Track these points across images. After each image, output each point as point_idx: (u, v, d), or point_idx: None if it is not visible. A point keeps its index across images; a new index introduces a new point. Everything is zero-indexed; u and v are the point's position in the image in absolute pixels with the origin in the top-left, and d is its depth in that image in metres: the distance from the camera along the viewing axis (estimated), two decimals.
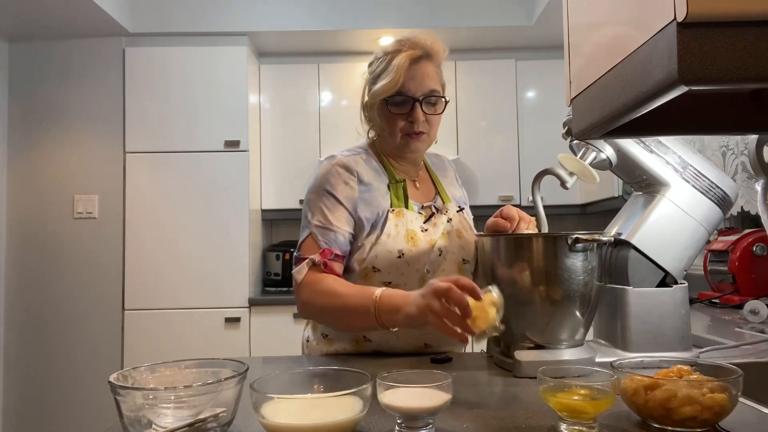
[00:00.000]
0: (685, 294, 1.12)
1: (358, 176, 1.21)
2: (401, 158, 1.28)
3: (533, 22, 3.22)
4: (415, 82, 1.19)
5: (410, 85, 1.19)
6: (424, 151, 1.31)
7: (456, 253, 1.24)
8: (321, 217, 1.19)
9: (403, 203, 1.23)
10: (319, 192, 1.21)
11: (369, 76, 1.26)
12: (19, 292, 3.13)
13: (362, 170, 1.23)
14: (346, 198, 1.20)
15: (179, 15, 3.22)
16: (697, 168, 1.16)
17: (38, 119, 3.18)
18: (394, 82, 1.18)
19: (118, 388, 0.67)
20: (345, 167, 1.22)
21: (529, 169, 3.43)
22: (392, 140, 1.24)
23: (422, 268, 1.19)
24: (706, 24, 0.51)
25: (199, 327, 3.09)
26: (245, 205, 3.18)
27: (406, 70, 1.18)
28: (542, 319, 1.00)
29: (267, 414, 0.66)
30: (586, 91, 0.78)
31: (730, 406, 0.68)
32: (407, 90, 1.19)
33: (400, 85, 1.18)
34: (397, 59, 1.18)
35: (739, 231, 1.89)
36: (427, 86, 1.20)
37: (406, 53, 1.19)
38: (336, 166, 1.22)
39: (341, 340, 1.24)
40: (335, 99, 3.49)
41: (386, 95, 1.19)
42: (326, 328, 1.26)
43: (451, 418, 0.76)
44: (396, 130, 1.22)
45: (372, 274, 1.19)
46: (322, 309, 1.15)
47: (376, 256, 1.17)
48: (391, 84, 1.18)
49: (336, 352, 1.24)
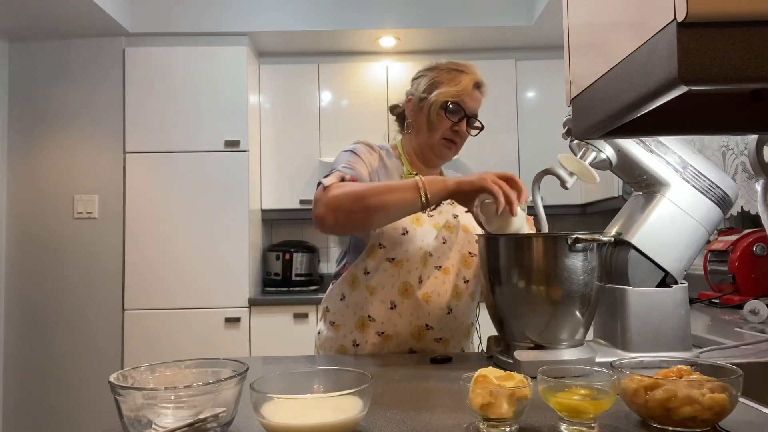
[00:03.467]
0: (685, 294, 1.12)
1: (379, 154, 1.37)
2: (426, 160, 1.39)
3: (533, 22, 3.22)
4: (472, 102, 1.36)
5: (468, 102, 1.35)
6: (447, 161, 1.43)
7: (461, 245, 1.32)
8: (345, 164, 1.29)
9: None
10: (345, 152, 1.35)
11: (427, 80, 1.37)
12: (19, 292, 3.13)
13: (383, 155, 1.38)
14: (368, 162, 1.33)
15: (179, 15, 3.22)
16: (697, 168, 1.16)
17: (38, 119, 3.18)
18: (460, 92, 1.33)
19: (118, 388, 0.67)
20: (369, 145, 1.38)
21: (529, 169, 3.42)
22: (429, 139, 1.35)
23: (426, 246, 1.27)
24: (706, 24, 0.51)
25: (199, 327, 3.09)
26: (245, 205, 3.18)
27: (470, 89, 1.35)
28: (542, 319, 1.00)
29: (267, 414, 0.66)
30: (586, 91, 0.78)
31: (730, 406, 0.68)
32: (465, 104, 1.34)
33: (462, 97, 1.34)
34: (465, 78, 1.35)
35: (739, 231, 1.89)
36: (476, 110, 1.37)
37: (471, 77, 1.35)
38: (361, 143, 1.38)
39: (347, 325, 1.31)
40: (335, 99, 3.49)
41: (449, 99, 1.33)
42: (334, 315, 1.34)
43: (449, 416, 0.76)
44: (439, 132, 1.34)
45: (377, 251, 1.28)
46: (355, 195, 1.13)
47: (381, 232, 1.27)
48: (457, 92, 1.33)
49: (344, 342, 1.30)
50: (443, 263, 1.29)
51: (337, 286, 1.34)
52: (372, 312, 1.27)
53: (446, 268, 1.29)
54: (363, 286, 1.29)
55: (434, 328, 1.27)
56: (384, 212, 1.13)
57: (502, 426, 0.69)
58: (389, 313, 1.26)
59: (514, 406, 0.68)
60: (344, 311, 1.32)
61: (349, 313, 1.31)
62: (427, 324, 1.27)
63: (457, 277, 1.30)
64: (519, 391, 0.68)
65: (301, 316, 3.07)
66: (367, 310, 1.28)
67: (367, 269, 1.29)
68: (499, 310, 1.06)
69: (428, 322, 1.27)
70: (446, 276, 1.29)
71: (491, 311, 1.09)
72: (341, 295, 1.33)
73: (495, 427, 0.69)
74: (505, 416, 0.68)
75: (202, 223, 3.16)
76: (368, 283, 1.28)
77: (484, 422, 0.70)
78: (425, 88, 1.36)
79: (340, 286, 1.33)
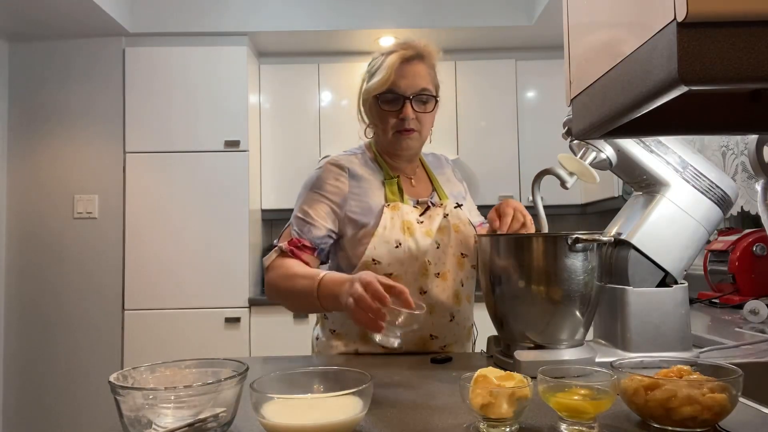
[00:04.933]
0: (685, 294, 1.12)
1: (349, 172, 1.27)
2: (396, 156, 1.31)
3: (533, 22, 3.22)
4: (406, 80, 1.23)
5: (401, 84, 1.23)
6: (418, 149, 1.33)
7: (454, 247, 1.27)
8: (301, 211, 1.26)
9: (399, 198, 1.27)
10: (306, 187, 1.29)
11: (366, 75, 1.31)
12: (19, 292, 3.13)
13: (356, 167, 1.28)
14: (333, 194, 1.25)
15: (179, 15, 3.22)
16: (697, 168, 1.16)
17: (38, 119, 3.17)
18: (385, 80, 1.22)
19: (118, 388, 0.67)
20: (337, 165, 1.28)
21: (529, 169, 3.43)
22: (384, 137, 1.28)
23: (422, 257, 1.22)
24: (706, 24, 0.51)
25: (199, 327, 3.09)
26: (245, 205, 3.18)
27: (397, 69, 1.23)
28: (542, 319, 1.00)
29: (267, 414, 0.66)
30: (586, 91, 0.78)
31: (730, 406, 0.68)
32: (397, 88, 1.23)
33: (391, 82, 1.23)
34: (390, 58, 1.23)
35: (739, 231, 1.89)
36: (418, 85, 1.24)
37: (398, 53, 1.24)
38: (328, 164, 1.29)
39: (349, 335, 1.26)
40: (335, 99, 3.49)
41: (377, 92, 1.24)
42: (334, 324, 1.29)
43: (449, 416, 0.76)
44: (387, 127, 1.26)
45: (373, 267, 1.20)
46: (279, 292, 1.21)
47: (374, 247, 1.21)
48: (382, 81, 1.23)
49: (345, 350, 1.25)
50: (441, 269, 1.24)
51: None
52: None
53: (444, 274, 1.24)
54: None
55: (438, 337, 1.23)
56: (305, 311, 1.22)
57: (502, 426, 0.69)
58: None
59: (514, 406, 0.68)
60: (344, 322, 1.26)
61: (350, 323, 1.25)
62: (432, 334, 1.23)
63: (455, 281, 1.26)
64: (519, 391, 0.69)
65: (301, 316, 3.07)
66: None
67: None
68: (499, 310, 1.06)
69: (432, 332, 1.23)
70: (445, 282, 1.24)
71: (491, 311, 1.09)
72: None
73: (495, 427, 0.69)
74: (505, 416, 0.68)
75: (202, 223, 3.16)
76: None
77: (484, 422, 0.70)
78: (361, 85, 1.30)
79: None
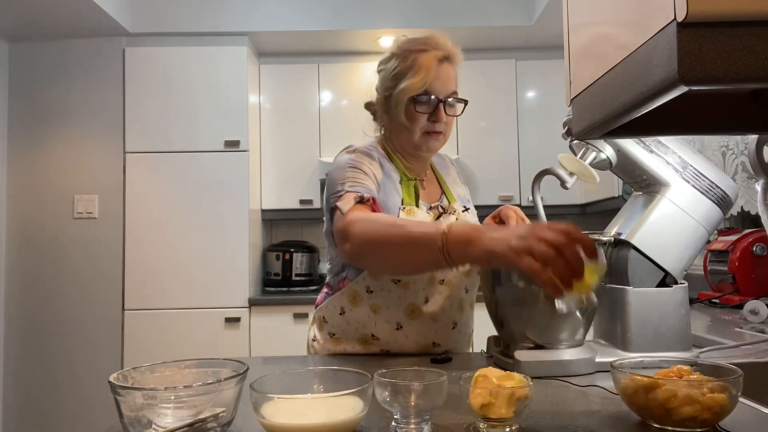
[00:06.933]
0: (685, 294, 1.12)
1: (379, 162, 1.23)
2: (413, 156, 1.28)
3: (533, 22, 3.22)
4: (441, 82, 1.21)
5: (436, 86, 1.20)
6: (438, 150, 1.31)
7: None
8: (350, 181, 1.14)
9: (414, 202, 1.25)
10: (342, 168, 1.18)
11: (387, 73, 1.25)
12: (18, 292, 3.13)
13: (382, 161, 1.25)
14: (372, 175, 1.18)
15: (179, 15, 3.22)
16: (697, 168, 1.16)
17: (38, 119, 3.17)
18: (423, 82, 1.18)
19: (118, 388, 0.67)
20: (366, 154, 1.23)
21: (529, 169, 3.43)
22: (410, 138, 1.24)
23: None
24: (706, 24, 0.51)
25: (199, 327, 3.09)
26: (245, 205, 3.18)
27: (435, 68, 1.19)
28: (542, 319, 1.00)
29: (267, 414, 0.66)
30: (586, 91, 0.78)
31: (730, 406, 0.68)
32: (434, 90, 1.20)
33: (428, 84, 1.19)
34: (424, 59, 1.19)
35: (739, 231, 1.89)
36: (450, 88, 1.23)
37: (433, 54, 1.20)
38: (357, 152, 1.22)
39: (349, 340, 1.24)
40: (335, 99, 3.49)
41: (413, 93, 1.20)
42: (333, 327, 1.26)
43: (449, 416, 0.76)
44: (417, 127, 1.22)
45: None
46: (383, 240, 1.01)
47: None
48: (420, 83, 1.18)
49: (344, 352, 1.24)
50: (445, 276, 1.21)
51: (336, 299, 1.25)
52: (376, 331, 1.21)
53: (449, 281, 1.21)
54: (366, 304, 1.21)
55: (441, 344, 1.22)
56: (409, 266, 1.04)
57: (502, 426, 0.69)
58: (395, 334, 1.20)
59: (514, 406, 0.68)
60: (345, 326, 1.24)
61: (350, 328, 1.24)
62: (434, 342, 1.22)
63: (458, 288, 1.23)
64: (519, 391, 0.68)
65: (301, 316, 3.07)
66: (371, 329, 1.21)
67: (370, 288, 1.20)
68: (499, 310, 1.06)
69: (435, 340, 1.21)
70: (449, 289, 1.21)
71: (491, 311, 1.09)
72: (341, 310, 1.24)
73: (495, 427, 0.69)
74: (505, 416, 0.68)
75: (202, 223, 3.16)
76: (371, 302, 1.20)
77: (484, 422, 0.70)
78: (388, 84, 1.23)
79: (339, 299, 1.24)
